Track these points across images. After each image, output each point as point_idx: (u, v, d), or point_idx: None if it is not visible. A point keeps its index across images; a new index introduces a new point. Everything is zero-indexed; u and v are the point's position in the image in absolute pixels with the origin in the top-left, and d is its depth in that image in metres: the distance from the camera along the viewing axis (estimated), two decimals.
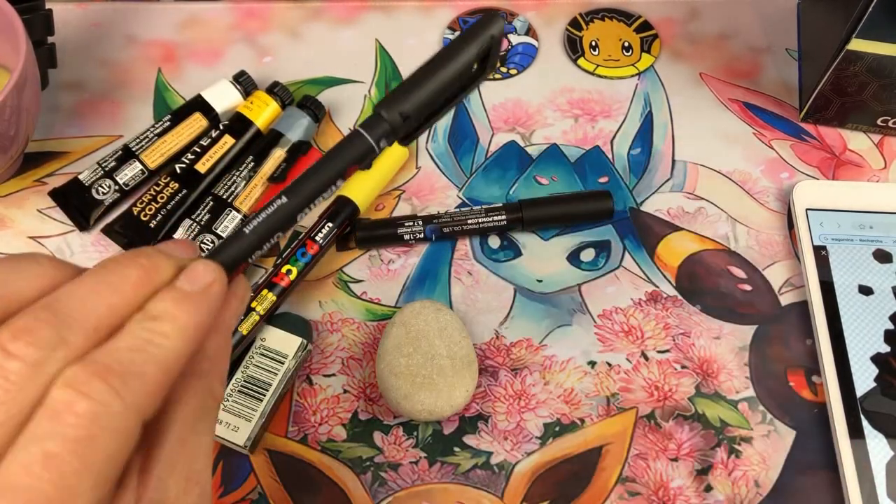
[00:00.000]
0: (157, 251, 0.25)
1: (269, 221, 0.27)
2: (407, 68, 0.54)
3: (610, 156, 0.50)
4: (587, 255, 0.47)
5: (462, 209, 0.46)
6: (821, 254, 0.45)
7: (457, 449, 0.41)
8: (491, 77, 0.53)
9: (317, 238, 0.44)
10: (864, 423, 0.40)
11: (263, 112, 0.49)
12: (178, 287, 0.24)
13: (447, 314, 0.42)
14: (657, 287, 0.45)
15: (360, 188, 0.47)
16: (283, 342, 0.42)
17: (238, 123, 0.49)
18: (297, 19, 0.56)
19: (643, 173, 0.49)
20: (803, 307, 0.45)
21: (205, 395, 0.25)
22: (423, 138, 0.51)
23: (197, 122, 0.49)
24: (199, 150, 0.48)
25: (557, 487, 0.40)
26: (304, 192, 0.27)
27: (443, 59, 0.27)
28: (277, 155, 0.47)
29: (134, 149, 0.48)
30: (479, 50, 0.27)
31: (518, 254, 0.47)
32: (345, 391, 0.42)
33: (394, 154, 0.48)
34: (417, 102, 0.27)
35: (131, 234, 0.46)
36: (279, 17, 0.56)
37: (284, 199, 0.27)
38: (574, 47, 0.55)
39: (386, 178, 0.48)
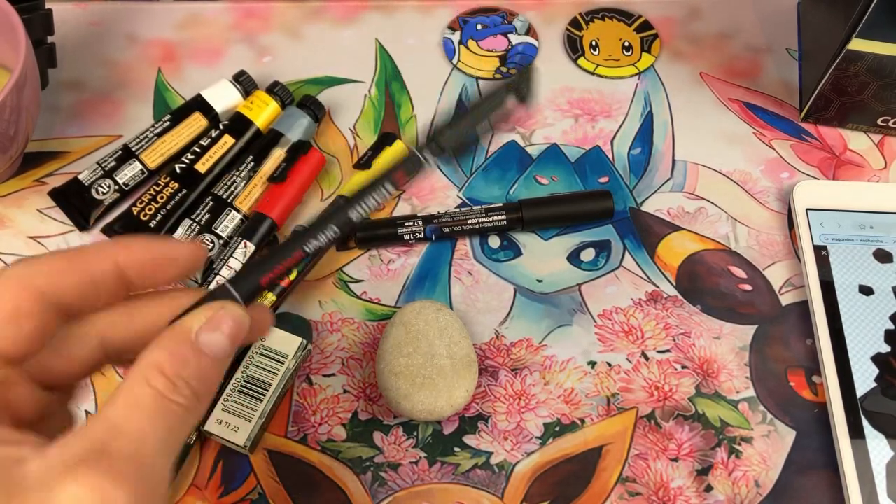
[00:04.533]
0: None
1: (325, 217, 0.30)
2: (407, 68, 0.54)
3: (610, 156, 0.50)
4: (587, 255, 0.47)
5: (462, 209, 0.46)
6: (821, 254, 0.45)
7: (457, 449, 0.41)
8: (492, 77, 0.53)
9: None
10: (865, 423, 0.40)
11: (263, 112, 0.49)
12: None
13: (447, 314, 0.42)
14: (657, 287, 0.45)
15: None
16: (283, 342, 0.42)
17: (238, 123, 0.49)
18: (297, 19, 0.56)
19: (643, 173, 0.49)
20: (803, 307, 0.45)
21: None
22: (423, 138, 0.51)
23: (197, 122, 0.49)
24: (198, 149, 0.48)
25: (557, 487, 0.40)
26: (357, 194, 0.30)
27: (477, 104, 0.32)
28: (277, 155, 0.47)
29: (134, 148, 0.48)
30: (511, 92, 0.32)
31: (518, 254, 0.47)
32: (345, 391, 0.42)
33: (394, 154, 0.48)
34: (452, 137, 0.31)
35: (131, 233, 0.46)
36: (279, 17, 0.56)
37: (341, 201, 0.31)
38: (574, 47, 0.55)
39: None
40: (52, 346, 0.27)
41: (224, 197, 0.46)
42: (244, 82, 0.50)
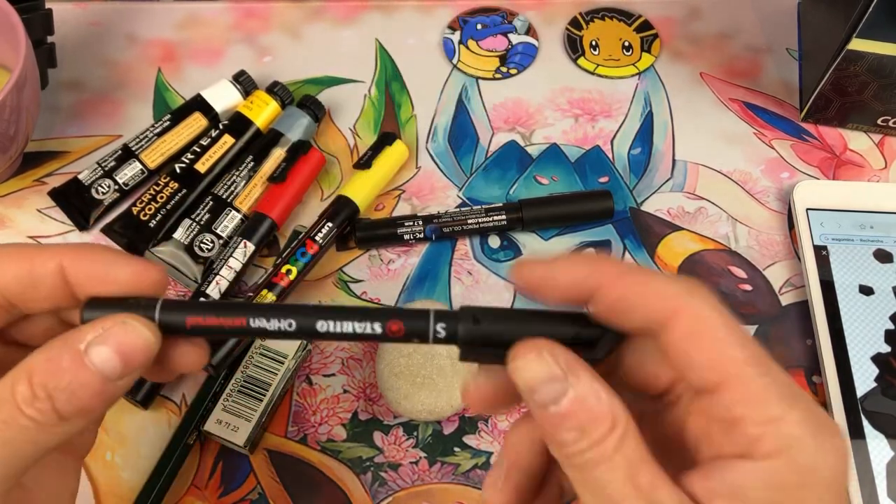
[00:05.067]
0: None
1: (294, 307, 0.25)
2: (407, 68, 0.54)
3: (610, 156, 0.50)
4: None
5: (462, 209, 0.46)
6: (821, 254, 0.45)
7: (457, 449, 0.41)
8: (492, 77, 0.53)
9: (316, 238, 0.44)
10: (865, 423, 0.40)
11: (263, 112, 0.49)
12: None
13: None
14: None
15: (360, 188, 0.46)
16: (282, 342, 0.42)
17: (238, 123, 0.49)
18: (297, 19, 0.56)
19: (643, 173, 0.49)
20: (804, 307, 0.45)
21: None
22: (422, 138, 0.51)
23: (197, 122, 0.49)
24: (198, 149, 0.48)
25: None
26: (331, 310, 0.25)
27: (541, 315, 0.25)
28: (277, 155, 0.47)
29: (134, 148, 0.48)
30: (589, 336, 0.24)
31: (518, 254, 0.47)
32: (345, 391, 0.42)
33: (394, 154, 0.48)
34: (495, 327, 0.25)
35: (131, 233, 0.46)
36: (279, 17, 0.56)
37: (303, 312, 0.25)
38: (574, 47, 0.55)
39: (386, 178, 0.48)
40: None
41: (224, 197, 0.46)
42: (244, 82, 0.50)
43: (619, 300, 0.23)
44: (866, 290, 0.44)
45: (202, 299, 0.36)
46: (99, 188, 0.47)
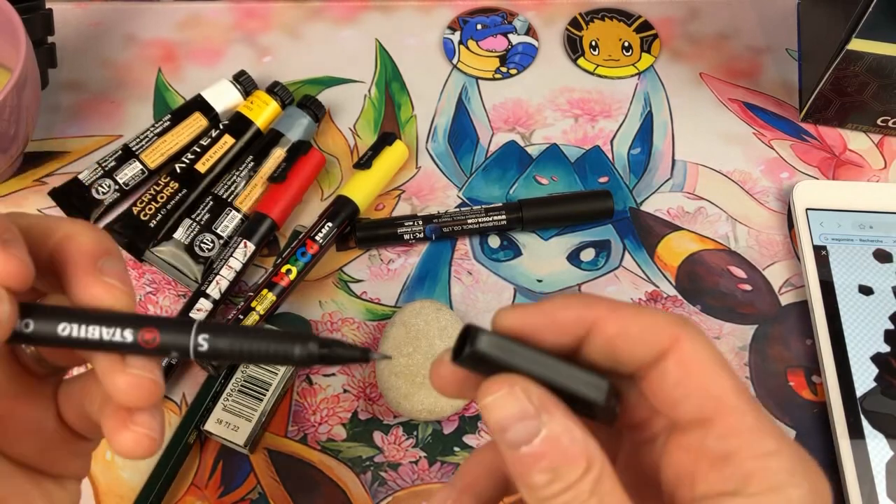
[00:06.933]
0: None
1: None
2: (407, 68, 0.54)
3: (610, 156, 0.50)
4: (587, 254, 0.47)
5: (462, 209, 0.46)
6: (821, 254, 0.45)
7: (457, 449, 0.41)
8: (492, 77, 0.53)
9: (317, 238, 0.44)
10: (864, 423, 0.40)
11: (263, 112, 0.49)
12: None
13: (447, 314, 0.42)
14: (657, 287, 0.45)
15: (360, 188, 0.47)
16: None
17: (238, 123, 0.49)
18: (297, 19, 0.56)
19: (643, 173, 0.49)
20: (803, 307, 0.45)
21: None
22: (422, 138, 0.51)
23: (197, 122, 0.49)
24: (199, 149, 0.48)
25: None
26: (76, 314, 0.22)
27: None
28: (277, 155, 0.47)
29: (134, 148, 0.48)
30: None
31: (518, 254, 0.47)
32: (345, 391, 0.42)
33: (394, 154, 0.48)
34: None
35: (131, 233, 0.46)
36: (279, 17, 0.56)
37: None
38: (574, 47, 0.55)
39: (386, 178, 0.48)
40: None
41: (224, 197, 0.46)
42: (244, 82, 0.50)
43: (619, 334, 0.22)
44: (866, 290, 0.44)
45: None
46: (99, 188, 0.47)
